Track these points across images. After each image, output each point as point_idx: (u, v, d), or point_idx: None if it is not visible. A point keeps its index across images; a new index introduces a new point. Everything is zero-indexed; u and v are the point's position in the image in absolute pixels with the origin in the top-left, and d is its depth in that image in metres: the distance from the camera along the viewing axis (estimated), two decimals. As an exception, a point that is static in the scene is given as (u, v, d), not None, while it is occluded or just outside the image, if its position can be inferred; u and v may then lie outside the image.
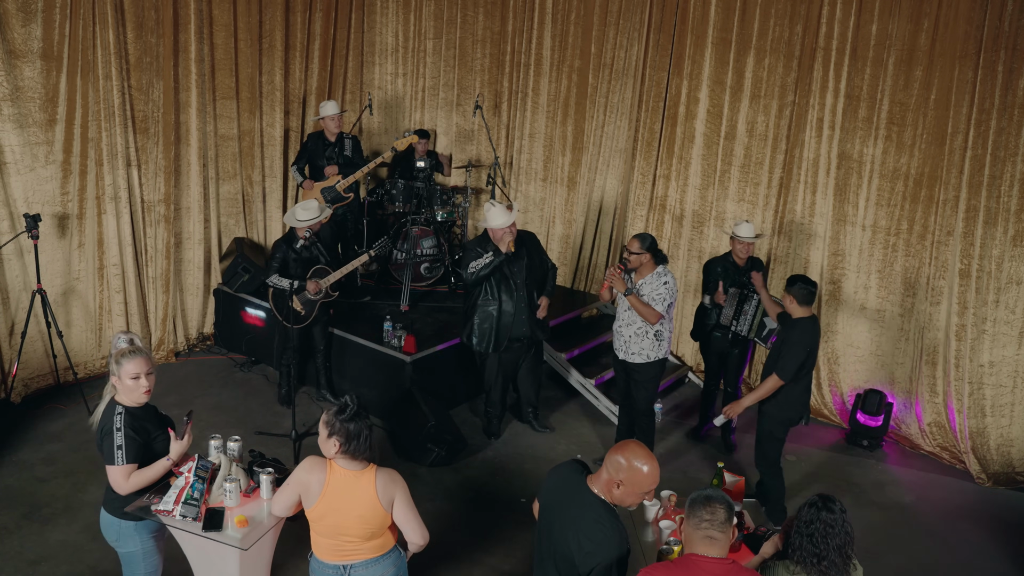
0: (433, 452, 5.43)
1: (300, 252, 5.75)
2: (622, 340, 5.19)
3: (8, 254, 5.78)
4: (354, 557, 3.06)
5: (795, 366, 4.56)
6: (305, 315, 5.76)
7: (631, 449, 2.73)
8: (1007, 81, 5.33)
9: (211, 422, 5.78)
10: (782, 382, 4.61)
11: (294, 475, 3.08)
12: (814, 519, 2.75)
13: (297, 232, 5.73)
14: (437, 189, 7.35)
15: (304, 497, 3.05)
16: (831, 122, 6.13)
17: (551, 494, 2.93)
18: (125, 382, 3.19)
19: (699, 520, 2.55)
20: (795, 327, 4.62)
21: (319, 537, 3.09)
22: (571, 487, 2.85)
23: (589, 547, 2.65)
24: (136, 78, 6.20)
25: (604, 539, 2.64)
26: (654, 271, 5.02)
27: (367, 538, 3.05)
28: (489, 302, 5.51)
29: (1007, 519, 5.30)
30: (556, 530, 2.81)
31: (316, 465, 3.03)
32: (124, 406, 3.23)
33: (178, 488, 3.46)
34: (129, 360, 3.18)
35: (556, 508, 2.86)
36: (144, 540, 3.37)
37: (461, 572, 4.48)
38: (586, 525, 2.70)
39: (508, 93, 8.00)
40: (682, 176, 6.98)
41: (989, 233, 5.54)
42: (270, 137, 7.34)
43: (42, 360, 6.07)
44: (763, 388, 4.67)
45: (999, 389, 5.68)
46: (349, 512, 2.99)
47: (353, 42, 7.93)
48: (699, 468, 5.63)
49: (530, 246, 5.60)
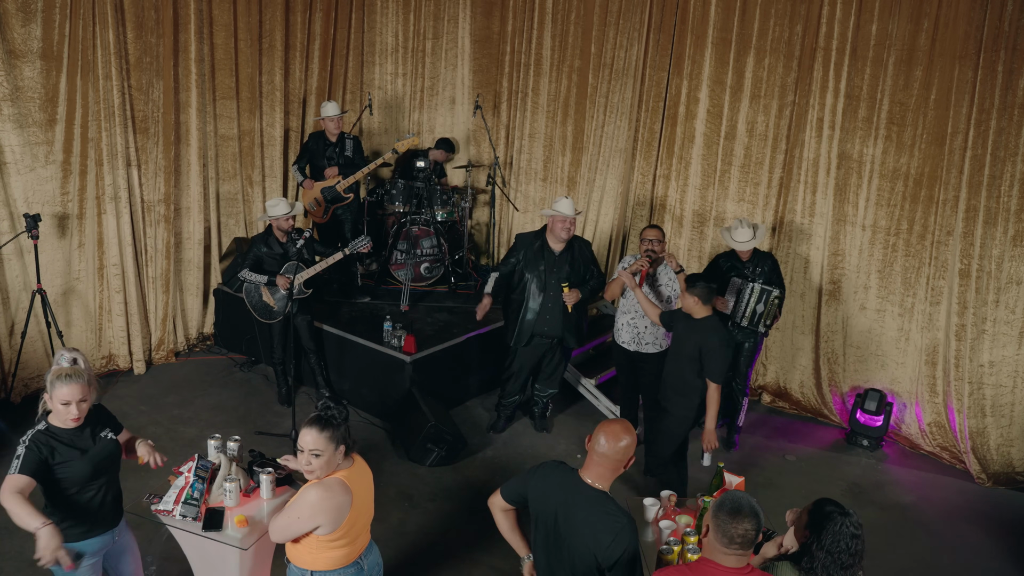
0: (433, 452, 5.43)
1: (274, 249, 5.77)
2: (635, 332, 5.29)
3: (8, 254, 5.78)
4: (362, 545, 3.09)
5: (725, 366, 4.53)
6: (277, 310, 5.77)
7: (621, 428, 2.78)
8: (1007, 81, 5.33)
9: (211, 422, 5.78)
10: (719, 385, 4.55)
11: (309, 508, 2.85)
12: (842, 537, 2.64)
13: (278, 226, 5.73)
14: (437, 189, 7.35)
15: (331, 522, 2.86)
16: (831, 122, 6.13)
17: (546, 502, 2.87)
18: (55, 405, 3.01)
19: (728, 540, 2.46)
20: (715, 330, 4.54)
21: (340, 550, 2.95)
22: (567, 489, 2.83)
23: (608, 540, 2.68)
24: (136, 78, 6.20)
25: (622, 527, 2.69)
26: (663, 264, 5.29)
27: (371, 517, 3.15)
28: (521, 297, 5.55)
29: (1007, 519, 5.30)
30: (567, 537, 2.78)
31: (333, 488, 2.86)
32: (48, 423, 3.06)
33: (178, 488, 3.46)
34: (64, 384, 2.98)
35: (560, 516, 2.81)
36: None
37: (461, 572, 4.48)
38: (599, 520, 2.72)
39: (508, 93, 8.00)
40: (682, 176, 6.98)
41: (989, 233, 5.54)
42: (270, 137, 7.34)
43: (42, 360, 6.07)
44: (711, 401, 4.56)
45: (999, 389, 5.68)
46: (368, 503, 3.06)
47: (353, 42, 7.93)
48: (699, 468, 5.62)
49: (578, 252, 5.55)
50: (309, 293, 5.84)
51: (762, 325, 5.47)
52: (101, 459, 3.15)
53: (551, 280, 5.44)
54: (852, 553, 2.63)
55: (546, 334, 5.57)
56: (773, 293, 5.39)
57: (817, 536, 2.67)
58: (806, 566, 2.69)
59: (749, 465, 5.69)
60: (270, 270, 5.78)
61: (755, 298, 5.44)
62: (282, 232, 5.77)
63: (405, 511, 4.99)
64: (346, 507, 2.89)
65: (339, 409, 2.98)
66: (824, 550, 2.64)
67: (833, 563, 2.63)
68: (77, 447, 3.08)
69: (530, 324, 5.52)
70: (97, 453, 3.14)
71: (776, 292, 5.40)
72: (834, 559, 2.63)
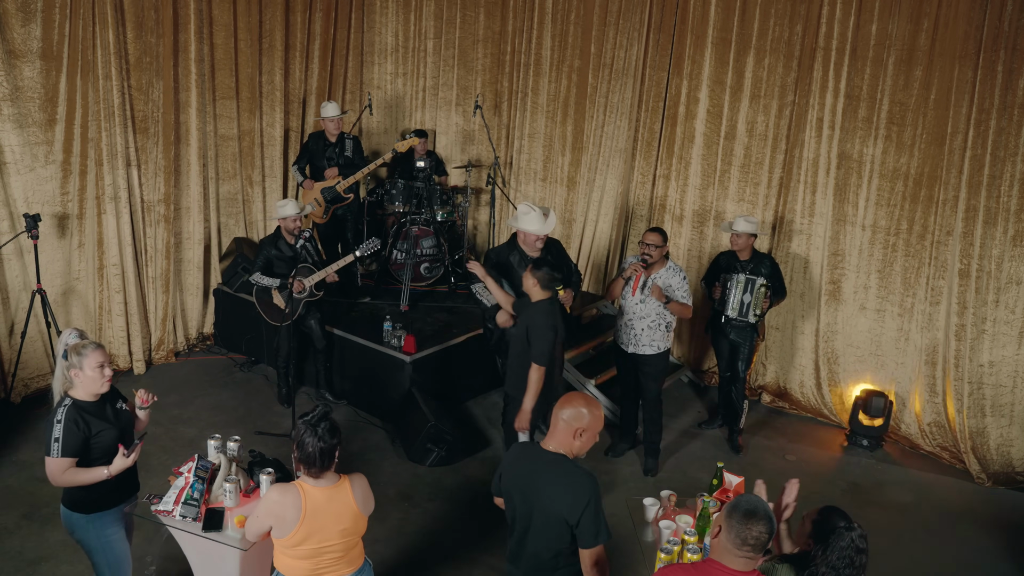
0: (433, 452, 5.43)
1: (284, 251, 5.75)
2: (632, 334, 5.31)
3: (8, 254, 5.78)
4: (333, 573, 2.99)
5: (548, 347, 4.52)
6: (289, 313, 5.76)
7: (581, 398, 2.92)
8: (1007, 81, 5.33)
9: (211, 422, 5.78)
10: (543, 367, 4.52)
11: (264, 505, 2.94)
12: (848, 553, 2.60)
13: (286, 227, 5.72)
14: (437, 189, 7.35)
15: (279, 526, 2.89)
16: (831, 122, 6.13)
17: (512, 477, 3.01)
18: (88, 373, 3.17)
19: (742, 542, 2.44)
20: (538, 311, 4.55)
21: (295, 560, 2.94)
22: (529, 459, 2.99)
23: (571, 496, 2.81)
24: (136, 78, 6.20)
25: (581, 483, 2.84)
26: (666, 265, 5.25)
27: (346, 551, 3.00)
28: None
29: (1007, 519, 5.30)
30: (534, 502, 2.90)
31: (287, 493, 2.90)
32: (73, 399, 3.21)
33: (178, 488, 3.46)
34: (93, 350, 3.19)
35: (525, 487, 2.94)
36: (98, 531, 3.34)
37: (461, 572, 4.48)
38: (561, 479, 2.86)
39: (508, 93, 7.99)
40: (682, 176, 6.97)
41: (989, 233, 5.54)
42: (270, 137, 7.34)
43: (42, 360, 6.07)
44: (531, 382, 4.51)
45: (999, 389, 5.68)
46: (332, 529, 2.91)
47: (353, 42, 7.93)
48: (699, 467, 5.63)
49: (554, 253, 5.49)
50: (320, 295, 5.84)
51: (751, 315, 5.52)
52: (124, 426, 3.37)
53: None
54: (856, 567, 2.62)
55: None
56: (759, 282, 5.47)
57: (823, 550, 2.64)
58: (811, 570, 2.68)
59: (749, 465, 5.69)
60: (280, 272, 5.76)
61: (741, 288, 5.52)
62: (290, 234, 5.76)
63: (405, 511, 4.99)
64: (292, 512, 2.86)
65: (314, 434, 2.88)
66: (829, 566, 2.61)
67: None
68: (105, 419, 3.28)
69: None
70: (120, 421, 3.35)
71: (762, 280, 5.47)
72: (838, 574, 2.61)
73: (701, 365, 7.13)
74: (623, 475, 5.52)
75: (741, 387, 5.84)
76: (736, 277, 5.55)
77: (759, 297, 5.48)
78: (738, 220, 5.65)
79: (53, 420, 3.17)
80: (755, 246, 5.77)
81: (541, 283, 4.56)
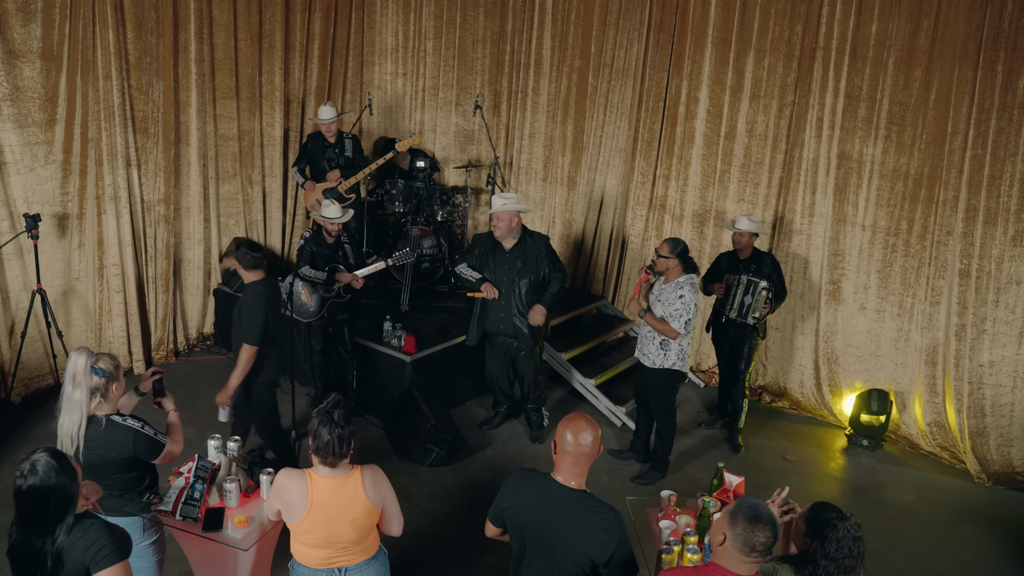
0: (433, 452, 5.43)
1: (324, 248, 5.75)
2: (639, 340, 5.33)
3: (8, 254, 5.78)
4: (346, 561, 3.00)
5: (259, 328, 4.60)
6: (314, 311, 5.76)
7: (584, 422, 2.74)
8: (1007, 81, 5.33)
9: (211, 422, 5.78)
10: (254, 347, 4.62)
11: (273, 487, 3.00)
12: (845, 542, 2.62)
13: (327, 228, 5.73)
14: (437, 189, 7.35)
15: (286, 511, 2.94)
16: (831, 122, 6.13)
17: (524, 512, 2.84)
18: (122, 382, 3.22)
19: (750, 548, 2.43)
20: (253, 292, 4.67)
21: (307, 548, 2.98)
22: (545, 495, 2.79)
23: (601, 536, 2.69)
24: (136, 78, 6.20)
25: (610, 521, 2.71)
26: (677, 279, 5.02)
27: (359, 540, 3.00)
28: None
29: (1007, 519, 5.30)
30: (555, 543, 2.75)
31: (293, 480, 2.93)
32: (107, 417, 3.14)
33: (178, 488, 3.47)
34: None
35: (543, 523, 2.77)
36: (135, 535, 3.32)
37: (461, 572, 4.48)
38: (586, 519, 2.71)
39: (508, 93, 8.00)
40: (682, 176, 6.98)
41: (989, 233, 5.54)
42: (270, 137, 7.34)
43: (42, 360, 6.07)
44: (241, 360, 4.64)
45: (999, 389, 5.69)
46: (342, 520, 2.91)
47: (353, 42, 7.93)
48: (699, 467, 5.63)
49: (531, 248, 5.55)
50: (347, 298, 5.82)
51: (750, 317, 5.53)
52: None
53: (503, 278, 5.49)
54: (855, 556, 2.63)
55: (502, 332, 5.59)
56: (760, 284, 5.48)
57: (821, 544, 2.64)
58: (809, 574, 2.68)
59: (749, 465, 5.69)
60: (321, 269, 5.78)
61: (742, 290, 5.56)
62: (330, 235, 5.76)
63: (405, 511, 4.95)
64: (298, 499, 2.88)
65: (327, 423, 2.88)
66: (829, 558, 2.62)
67: (837, 568, 2.62)
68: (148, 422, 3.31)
69: (482, 321, 5.60)
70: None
71: (764, 284, 5.48)
72: (838, 565, 2.62)
73: (701, 365, 7.13)
74: (623, 475, 5.52)
75: (741, 387, 5.85)
76: (739, 278, 5.58)
77: (759, 300, 5.49)
78: (741, 219, 5.66)
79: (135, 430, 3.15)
80: (755, 246, 5.78)
81: (243, 264, 4.66)
